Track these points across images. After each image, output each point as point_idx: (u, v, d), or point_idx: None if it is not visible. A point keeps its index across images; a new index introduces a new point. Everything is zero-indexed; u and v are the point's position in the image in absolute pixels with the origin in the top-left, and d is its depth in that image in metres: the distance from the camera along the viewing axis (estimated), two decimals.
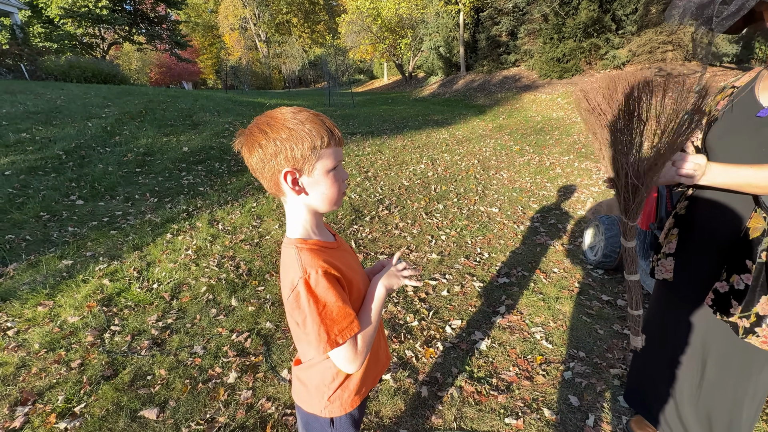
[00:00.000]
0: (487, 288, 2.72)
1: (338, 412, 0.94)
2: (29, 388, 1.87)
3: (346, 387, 0.93)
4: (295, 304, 0.77)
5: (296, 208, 0.84)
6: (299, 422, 1.00)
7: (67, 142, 5.47)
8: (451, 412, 1.72)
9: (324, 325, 0.76)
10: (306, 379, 0.94)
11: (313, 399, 0.94)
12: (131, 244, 3.29)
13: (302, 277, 0.76)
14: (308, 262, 0.78)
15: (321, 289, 0.77)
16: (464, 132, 8.48)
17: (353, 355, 0.82)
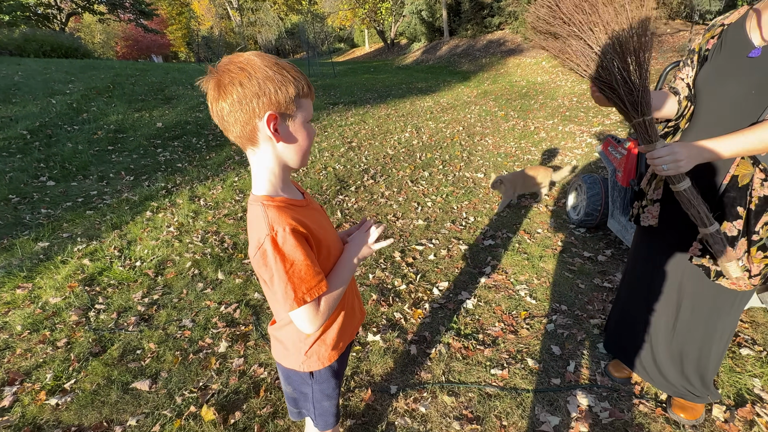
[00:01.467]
0: (473, 250, 2.76)
1: (316, 366, 0.95)
2: (15, 369, 1.84)
3: (323, 342, 0.94)
4: (261, 262, 0.75)
5: (266, 161, 0.79)
6: (281, 377, 1.02)
7: (30, 120, 5.16)
8: (439, 367, 1.78)
9: (291, 283, 0.74)
10: (282, 338, 0.95)
11: (291, 356, 0.94)
12: (109, 223, 3.19)
13: (269, 234, 0.73)
14: (275, 219, 0.75)
15: (288, 247, 0.74)
16: (449, 99, 8.33)
17: (314, 315, 0.80)
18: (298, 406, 1.04)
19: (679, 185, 1.05)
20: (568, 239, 2.83)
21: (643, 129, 1.03)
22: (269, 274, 0.75)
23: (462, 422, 1.52)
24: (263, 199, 0.79)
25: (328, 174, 4.20)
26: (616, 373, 1.66)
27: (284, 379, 1.01)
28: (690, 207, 1.07)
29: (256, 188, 0.82)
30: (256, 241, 0.75)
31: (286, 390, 1.03)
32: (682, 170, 1.02)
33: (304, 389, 0.98)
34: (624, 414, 1.52)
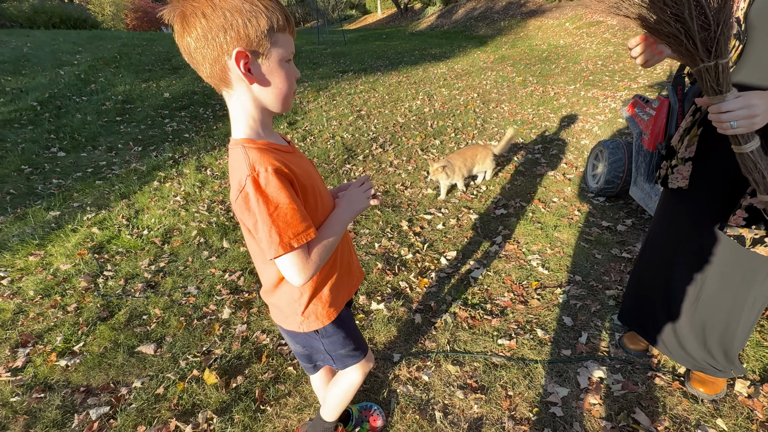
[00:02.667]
0: (484, 220, 2.65)
1: (316, 326, 0.90)
2: (28, 332, 1.89)
3: (318, 300, 0.89)
4: (243, 206, 0.68)
5: (243, 103, 0.72)
6: (286, 338, 0.99)
7: (40, 92, 5.16)
8: (444, 336, 1.73)
9: (276, 227, 0.68)
10: (276, 301, 0.90)
11: (288, 317, 0.90)
12: (118, 193, 3.20)
13: (250, 175, 0.66)
14: (256, 159, 0.68)
15: (272, 189, 0.67)
16: (464, 65, 7.93)
17: (303, 264, 0.73)
18: (313, 360, 1.02)
19: (746, 146, 0.86)
20: (586, 208, 2.68)
21: (713, 76, 0.82)
22: (252, 220, 0.68)
23: (466, 391, 1.48)
24: (243, 142, 0.72)
25: (335, 143, 4.08)
26: (632, 345, 1.58)
27: (290, 340, 0.98)
28: (753, 171, 0.88)
29: (235, 131, 0.75)
30: (237, 184, 0.68)
31: (295, 349, 1.01)
32: (755, 127, 0.83)
33: (314, 344, 0.96)
34: (638, 387, 1.45)
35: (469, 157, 2.96)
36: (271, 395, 1.50)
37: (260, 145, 0.72)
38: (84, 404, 1.52)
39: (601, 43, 7.80)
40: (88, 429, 1.42)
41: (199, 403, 1.50)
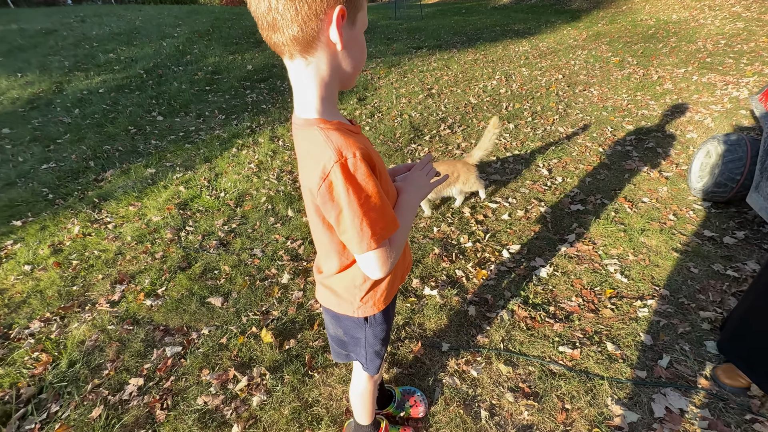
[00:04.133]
0: (556, 214, 2.42)
1: (371, 312, 0.88)
2: (124, 271, 2.18)
3: (378, 287, 0.86)
4: (327, 195, 0.63)
5: (319, 73, 0.64)
6: (329, 321, 0.97)
7: (146, 61, 5.78)
8: (499, 334, 1.64)
9: (367, 218, 0.63)
10: (333, 285, 0.87)
11: (344, 302, 0.87)
12: (202, 156, 3.50)
13: (338, 161, 0.60)
14: (341, 143, 0.61)
15: (361, 176, 0.61)
16: (550, 43, 7.19)
17: (386, 259, 0.69)
18: (347, 349, 1.00)
19: None
20: (685, 213, 2.30)
21: None
22: (336, 211, 0.64)
23: (517, 395, 1.39)
24: (318, 123, 0.65)
25: (403, 121, 4.00)
26: (728, 380, 1.34)
27: (334, 323, 0.96)
28: None
29: (304, 109, 0.68)
30: (321, 171, 0.61)
31: (334, 333, 0.99)
32: None
33: (357, 334, 0.93)
34: (730, 429, 1.23)
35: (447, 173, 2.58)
36: (320, 363, 1.56)
37: (337, 126, 0.66)
38: (162, 342, 1.73)
39: (728, 18, 6.51)
40: (164, 364, 1.61)
41: (255, 358, 1.61)
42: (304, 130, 0.67)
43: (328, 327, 0.99)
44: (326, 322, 0.99)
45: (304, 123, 0.67)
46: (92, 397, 1.50)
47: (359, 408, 1.14)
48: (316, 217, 0.73)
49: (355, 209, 0.62)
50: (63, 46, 6.23)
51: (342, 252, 0.79)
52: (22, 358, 1.69)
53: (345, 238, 0.67)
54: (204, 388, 1.50)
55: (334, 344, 1.02)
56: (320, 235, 0.78)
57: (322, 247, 0.82)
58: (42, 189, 3.11)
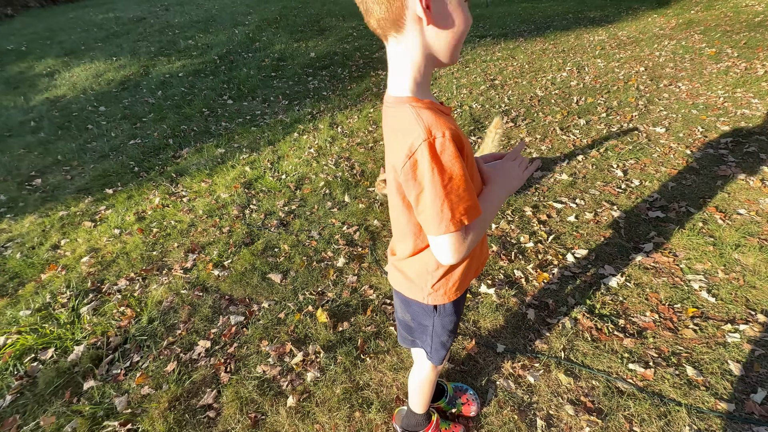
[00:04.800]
0: (631, 220, 2.21)
1: (441, 300, 0.86)
2: (196, 242, 2.37)
3: (451, 276, 0.83)
4: (410, 174, 0.62)
5: (411, 50, 0.64)
6: (399, 304, 0.97)
7: (220, 48, 6.16)
8: (560, 342, 1.54)
9: (448, 200, 0.62)
10: (405, 268, 0.86)
11: (415, 287, 0.86)
12: (266, 139, 3.68)
13: (426, 139, 0.59)
14: (432, 122, 0.61)
15: (447, 157, 0.60)
16: (631, 31, 6.53)
17: (459, 245, 0.67)
18: (413, 335, 1.00)
19: None
20: None
21: None
22: (417, 191, 0.63)
23: (578, 408, 1.31)
24: (410, 101, 0.65)
25: (463, 113, 3.88)
26: None
27: (403, 307, 0.95)
28: None
29: (396, 88, 0.68)
30: (407, 149, 0.61)
31: (402, 317, 0.99)
32: None
33: (425, 321, 0.92)
34: None
35: None
36: (372, 348, 1.58)
37: (428, 105, 0.65)
38: (227, 310, 1.86)
39: None
40: (228, 330, 1.74)
41: (310, 335, 1.67)
42: (394, 108, 0.67)
43: (397, 310, 0.99)
44: (396, 305, 1.00)
45: (396, 101, 0.68)
46: (167, 353, 1.66)
47: (416, 396, 1.14)
48: (397, 196, 0.73)
49: (438, 190, 0.61)
50: (150, 33, 6.83)
51: (417, 234, 0.78)
52: (111, 310, 1.91)
53: (422, 218, 0.66)
54: (263, 358, 1.59)
55: (402, 328, 1.02)
56: (398, 215, 0.78)
57: (399, 228, 0.82)
58: (129, 162, 3.47)
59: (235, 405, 1.42)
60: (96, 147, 3.82)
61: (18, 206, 3.01)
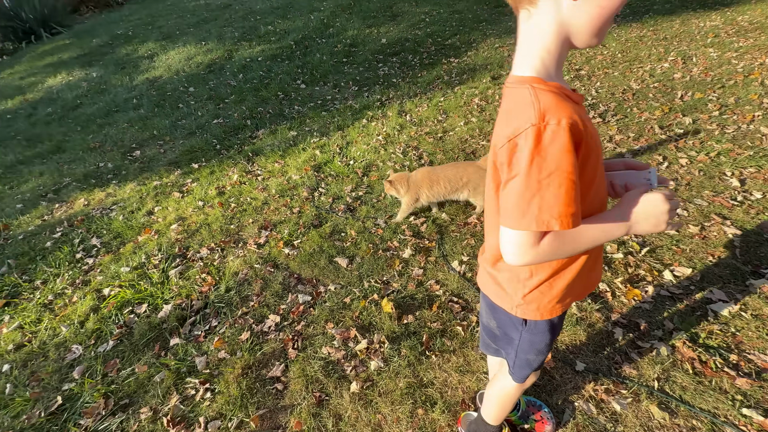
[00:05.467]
0: (750, 240, 1.88)
1: (532, 316, 0.77)
2: (269, 219, 2.48)
3: (549, 289, 0.74)
4: (507, 156, 0.56)
5: (543, 26, 0.57)
6: (486, 307, 0.90)
7: (296, 33, 6.36)
8: (653, 369, 1.36)
9: (540, 197, 0.54)
10: (495, 273, 0.79)
11: (503, 294, 0.79)
12: (336, 124, 3.73)
13: (535, 125, 0.52)
14: (550, 107, 0.54)
15: (556, 148, 0.53)
16: (754, 16, 5.53)
17: (528, 248, 0.59)
18: (497, 343, 0.93)
19: None
20: None
21: None
22: (509, 176, 0.57)
23: None
24: (532, 81, 0.58)
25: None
26: None
27: (489, 312, 0.89)
28: None
29: (520, 67, 0.61)
30: (512, 131, 0.56)
31: (487, 323, 0.92)
32: None
33: (511, 333, 0.84)
34: None
35: (449, 181, 2.12)
36: (437, 346, 1.53)
37: (553, 89, 0.57)
38: (295, 288, 1.92)
39: None
40: (296, 308, 1.79)
41: (374, 324, 1.67)
42: (514, 89, 0.61)
43: (482, 314, 0.93)
44: (481, 308, 0.93)
45: (517, 81, 0.61)
46: (241, 322, 1.76)
47: (492, 407, 1.07)
48: (491, 183, 0.67)
49: (531, 182, 0.54)
50: (234, 19, 7.26)
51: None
52: (194, 276, 2.08)
53: (503, 203, 0.59)
54: (328, 340, 1.62)
55: (485, 334, 0.95)
56: (489, 205, 0.72)
57: (489, 220, 0.75)
58: (212, 140, 3.74)
59: (301, 382, 1.46)
60: (185, 124, 4.17)
61: (121, 174, 3.40)
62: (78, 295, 2.04)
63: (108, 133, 4.23)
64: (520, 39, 0.61)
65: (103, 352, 1.69)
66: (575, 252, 0.64)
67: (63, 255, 2.37)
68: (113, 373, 1.60)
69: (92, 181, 3.33)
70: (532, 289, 0.74)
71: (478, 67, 4.77)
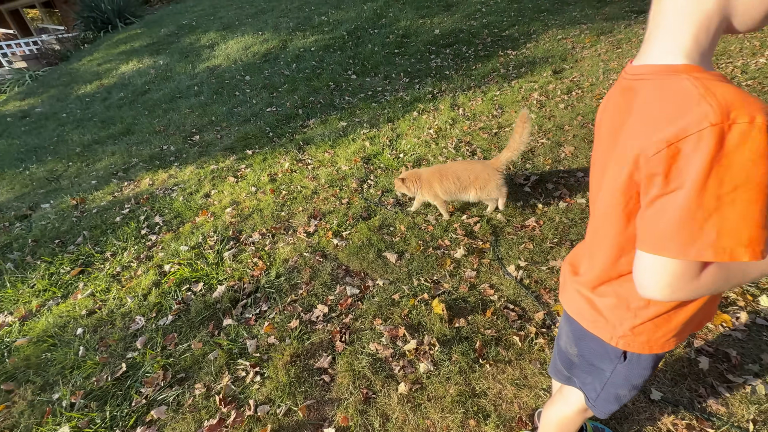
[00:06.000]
0: None
1: (638, 348, 0.66)
2: (318, 209, 2.49)
3: (665, 323, 0.63)
4: (661, 167, 0.46)
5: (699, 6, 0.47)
6: (569, 331, 0.79)
7: (349, 24, 6.36)
8: (747, 409, 1.19)
9: (719, 217, 0.43)
10: (594, 296, 0.68)
11: (602, 322, 0.68)
12: (386, 116, 3.68)
13: (717, 124, 0.41)
14: (734, 100, 0.42)
15: (748, 155, 0.41)
16: None
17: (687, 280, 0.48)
18: (572, 371, 0.83)
19: None
20: None
21: None
22: (667, 189, 0.46)
23: None
24: (689, 70, 0.47)
25: None
26: None
27: (572, 338, 0.78)
28: None
29: (659, 53, 0.51)
30: (672, 134, 0.45)
31: (565, 348, 0.82)
32: None
33: (601, 364, 0.74)
34: None
35: (458, 177, 2.05)
36: (491, 355, 1.44)
37: (721, 78, 0.46)
38: (343, 280, 1.91)
39: None
40: (344, 300, 1.78)
41: (424, 324, 1.61)
42: (654, 81, 0.50)
43: (561, 336, 0.83)
44: (562, 331, 0.83)
45: (659, 71, 0.50)
46: (290, 309, 1.78)
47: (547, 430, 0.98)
48: (616, 195, 0.56)
49: (708, 200, 0.43)
50: (290, 9, 7.40)
51: (627, 250, 0.59)
52: (246, 259, 2.13)
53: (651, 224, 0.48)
54: (376, 336, 1.58)
55: (559, 359, 0.85)
56: (605, 222, 0.60)
57: (599, 238, 0.64)
58: (266, 127, 3.84)
59: (348, 376, 1.44)
60: (240, 112, 4.32)
61: (182, 157, 3.58)
62: (142, 269, 2.17)
63: (171, 118, 4.48)
64: (662, 18, 0.50)
65: (163, 326, 1.78)
66: (732, 287, 0.53)
67: (130, 230, 2.53)
68: (171, 347, 1.67)
69: (156, 162, 3.55)
70: (646, 320, 0.63)
71: (538, 60, 4.49)
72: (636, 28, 5.13)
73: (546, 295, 1.66)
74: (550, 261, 1.82)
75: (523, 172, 2.54)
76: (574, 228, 1.99)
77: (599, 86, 3.64)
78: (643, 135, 0.49)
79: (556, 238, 1.95)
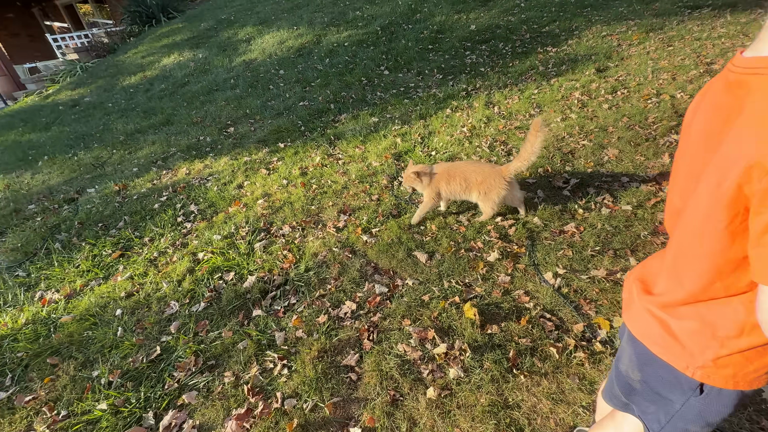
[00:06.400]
0: None
1: (723, 383, 0.59)
2: (348, 204, 2.48)
3: (758, 357, 0.56)
4: None
5: None
6: (633, 354, 0.72)
7: (383, 19, 6.31)
8: None
9: None
10: (671, 320, 0.61)
11: (678, 349, 0.61)
12: (418, 113, 3.62)
13: None
14: None
15: None
16: None
17: None
18: (631, 399, 0.75)
19: None
20: None
21: None
22: None
23: None
24: None
25: (660, 103, 3.09)
26: None
27: (636, 362, 0.71)
28: None
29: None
30: None
31: (626, 371, 0.75)
32: None
33: (671, 395, 0.67)
34: None
35: (465, 179, 1.99)
36: (526, 365, 1.38)
37: None
38: (372, 278, 1.88)
39: None
40: (372, 298, 1.75)
41: (454, 328, 1.56)
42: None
43: (622, 358, 0.76)
44: (624, 353, 0.75)
45: None
46: (318, 304, 1.77)
47: None
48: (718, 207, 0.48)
49: None
50: (325, 4, 7.44)
51: (724, 275, 0.52)
52: (277, 251, 2.15)
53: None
54: (405, 337, 1.55)
55: (618, 383, 0.78)
56: (697, 238, 0.54)
57: (688, 257, 0.57)
58: (298, 121, 3.87)
59: (375, 376, 1.42)
60: (274, 105, 4.38)
61: (217, 148, 3.68)
62: (177, 256, 2.23)
63: (208, 110, 4.62)
64: None
65: (196, 312, 1.83)
66: None
67: (167, 217, 2.62)
68: (203, 333, 1.71)
69: (193, 152, 3.66)
70: (735, 352, 0.56)
71: (580, 57, 4.28)
72: (690, 24, 4.78)
73: (586, 305, 1.57)
74: (591, 270, 1.72)
75: (563, 174, 2.42)
76: (618, 236, 1.87)
77: (647, 86, 3.42)
78: (762, 140, 0.42)
79: (598, 246, 1.84)
